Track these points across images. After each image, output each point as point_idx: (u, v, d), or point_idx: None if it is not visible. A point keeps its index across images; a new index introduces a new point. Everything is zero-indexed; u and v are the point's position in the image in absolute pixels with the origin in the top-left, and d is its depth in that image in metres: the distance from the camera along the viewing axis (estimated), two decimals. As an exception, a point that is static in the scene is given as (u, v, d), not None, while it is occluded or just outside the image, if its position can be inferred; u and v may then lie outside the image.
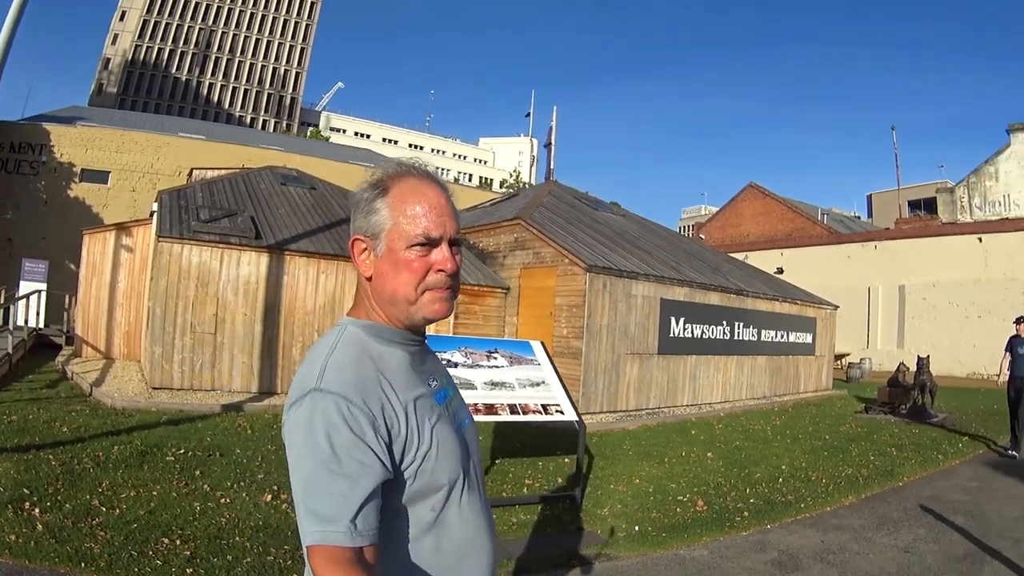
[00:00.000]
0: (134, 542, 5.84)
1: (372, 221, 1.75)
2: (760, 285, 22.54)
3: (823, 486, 9.75)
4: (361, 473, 1.52)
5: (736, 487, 9.49)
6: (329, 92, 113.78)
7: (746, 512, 8.25)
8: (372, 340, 1.73)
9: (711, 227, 51.71)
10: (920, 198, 50.45)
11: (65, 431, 9.71)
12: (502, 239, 18.92)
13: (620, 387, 16.00)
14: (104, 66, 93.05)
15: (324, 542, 1.48)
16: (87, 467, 7.97)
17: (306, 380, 1.63)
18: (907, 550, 7.01)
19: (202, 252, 14.18)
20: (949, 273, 31.90)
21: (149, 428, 10.38)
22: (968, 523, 8.05)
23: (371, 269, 1.76)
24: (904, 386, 17.93)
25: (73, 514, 6.35)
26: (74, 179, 37.77)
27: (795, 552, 6.90)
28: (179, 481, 7.78)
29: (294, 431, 1.59)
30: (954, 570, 6.42)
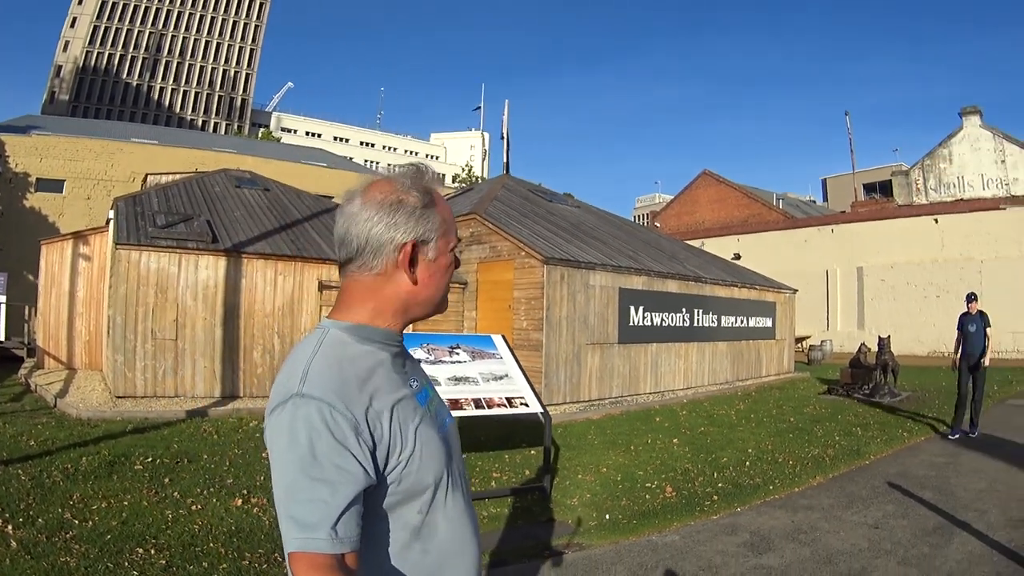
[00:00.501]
0: (109, 554, 5.81)
1: (429, 227, 1.77)
2: (718, 271, 22.77)
3: (790, 467, 9.93)
4: (342, 480, 1.52)
5: (704, 472, 9.63)
6: (279, 92, 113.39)
7: (715, 496, 8.40)
8: (355, 342, 1.71)
9: (666, 215, 51.95)
10: (875, 181, 51.15)
11: (32, 444, 9.64)
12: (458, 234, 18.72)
13: (582, 377, 16.12)
14: (56, 73, 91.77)
15: (305, 549, 1.48)
16: (57, 480, 7.92)
17: (288, 384, 1.61)
18: (877, 526, 7.16)
19: (160, 258, 14.10)
20: (906, 254, 32.55)
21: (116, 437, 10.32)
22: (936, 498, 8.25)
23: (422, 273, 1.78)
24: (866, 367, 18.25)
25: (46, 528, 6.29)
26: (30, 189, 37.27)
27: (766, 533, 7.01)
28: (149, 490, 7.77)
29: (276, 436, 1.57)
30: (924, 543, 6.59)
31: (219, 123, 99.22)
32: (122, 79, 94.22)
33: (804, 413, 15.06)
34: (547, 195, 24.85)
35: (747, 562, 6.22)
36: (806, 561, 6.19)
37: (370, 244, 1.72)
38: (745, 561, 6.25)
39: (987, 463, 10.22)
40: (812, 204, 61.31)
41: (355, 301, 1.76)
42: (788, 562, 6.19)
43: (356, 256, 1.74)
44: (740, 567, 6.11)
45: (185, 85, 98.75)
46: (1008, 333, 29.54)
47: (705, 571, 6.02)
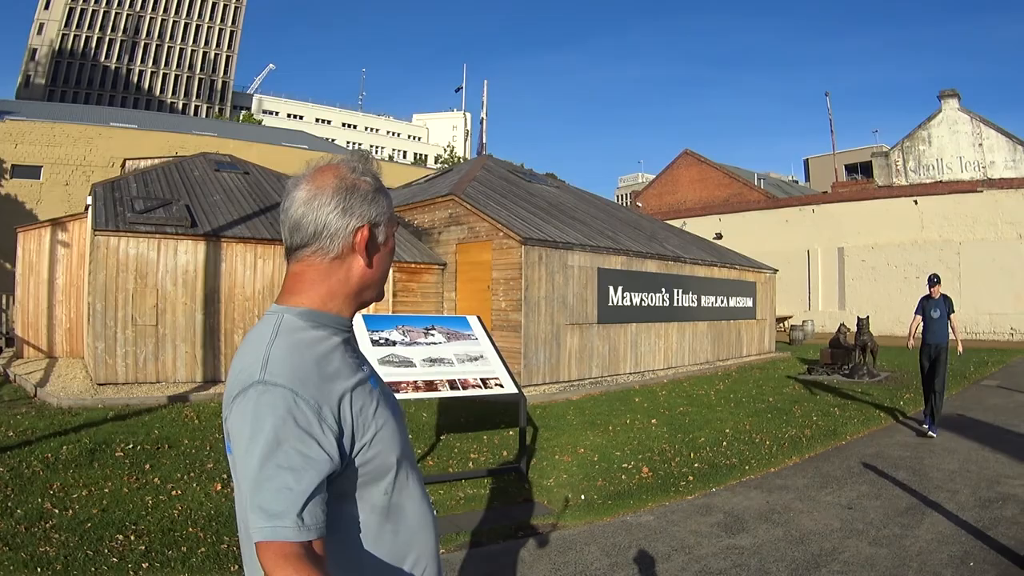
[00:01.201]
0: (89, 542, 5.84)
1: (379, 210, 1.81)
2: (697, 251, 22.87)
3: (767, 448, 10.06)
4: (307, 466, 1.53)
5: (680, 452, 9.73)
6: (261, 74, 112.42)
7: (691, 476, 8.50)
8: (309, 328, 1.72)
9: (648, 195, 51.88)
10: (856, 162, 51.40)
11: (11, 435, 9.56)
12: (437, 215, 18.96)
13: (561, 358, 16.20)
14: (31, 57, 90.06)
15: (273, 538, 1.48)
16: (37, 470, 7.90)
17: (249, 372, 1.61)
18: (850, 507, 7.26)
19: (139, 243, 14.06)
20: (887, 235, 32.84)
21: (97, 425, 10.32)
22: (909, 478, 8.37)
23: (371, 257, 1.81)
24: (845, 347, 18.44)
25: (25, 519, 6.29)
26: (4, 175, 36.91)
27: (740, 513, 7.10)
28: (130, 476, 7.80)
29: (239, 425, 1.58)
30: (895, 523, 6.69)
31: (200, 106, 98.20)
32: (100, 62, 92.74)
33: (784, 393, 15.20)
34: (527, 176, 24.91)
35: (720, 542, 6.30)
36: (778, 541, 6.27)
37: (327, 228, 1.74)
38: (718, 541, 6.33)
39: (960, 444, 10.36)
40: (795, 184, 61.41)
41: (307, 286, 1.77)
42: (760, 542, 6.27)
43: (312, 241, 1.75)
44: (712, 547, 6.18)
45: (165, 68, 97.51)
46: (985, 315, 29.93)
47: (678, 551, 6.08)
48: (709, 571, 5.67)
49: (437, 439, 10.35)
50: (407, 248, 17.82)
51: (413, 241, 18.61)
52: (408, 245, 18.10)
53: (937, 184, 32.55)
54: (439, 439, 10.36)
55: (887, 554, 5.91)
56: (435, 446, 9.95)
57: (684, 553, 6.05)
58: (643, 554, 6.02)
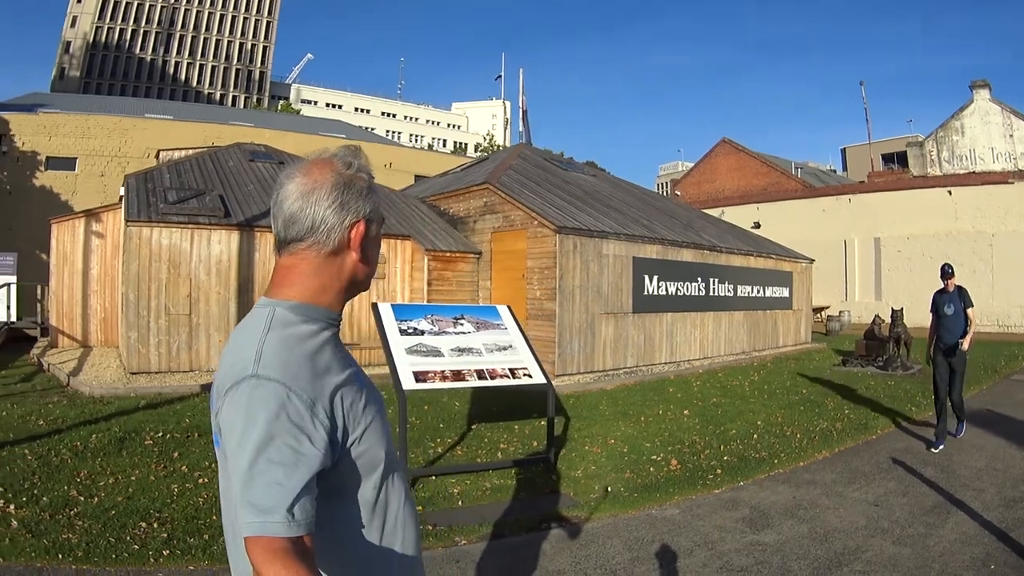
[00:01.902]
0: (112, 529, 5.86)
1: (372, 206, 1.82)
2: (734, 240, 22.60)
3: (797, 441, 9.88)
4: (298, 462, 1.53)
5: (711, 445, 9.60)
6: (299, 64, 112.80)
7: (719, 470, 8.37)
8: (302, 322, 1.71)
9: (687, 183, 51.57)
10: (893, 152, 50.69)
11: (41, 424, 9.65)
12: (472, 204, 18.88)
13: (596, 347, 16.04)
14: (65, 50, 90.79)
15: (262, 533, 1.47)
16: (65, 458, 7.96)
17: (242, 366, 1.60)
18: (877, 504, 7.11)
19: (172, 234, 14.16)
20: (922, 225, 32.24)
21: (128, 414, 10.38)
22: (936, 475, 8.18)
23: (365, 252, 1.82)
24: (880, 339, 18.11)
25: (50, 507, 6.33)
26: (39, 167, 37.08)
27: (766, 509, 6.98)
28: (158, 464, 7.83)
29: (231, 419, 1.57)
30: (920, 522, 6.52)
31: (237, 96, 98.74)
32: (135, 54, 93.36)
33: (817, 385, 14.94)
34: (563, 164, 24.79)
35: (744, 538, 6.21)
36: (802, 538, 6.17)
37: (325, 223, 1.73)
38: (742, 537, 6.23)
39: (989, 440, 10.14)
40: (832, 174, 60.69)
41: (298, 279, 1.76)
42: (784, 539, 6.17)
43: (308, 235, 1.73)
44: (736, 543, 6.09)
45: (201, 59, 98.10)
46: (1017, 307, 29.41)
47: (700, 547, 6.00)
48: (730, 568, 5.57)
49: (468, 428, 10.31)
50: (442, 237, 17.78)
51: (448, 230, 18.56)
52: (443, 234, 18.06)
53: (970, 175, 31.96)
54: (470, 428, 10.32)
55: (910, 554, 5.78)
56: (465, 435, 9.91)
57: (707, 549, 5.97)
58: (665, 549, 5.94)
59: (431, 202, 20.80)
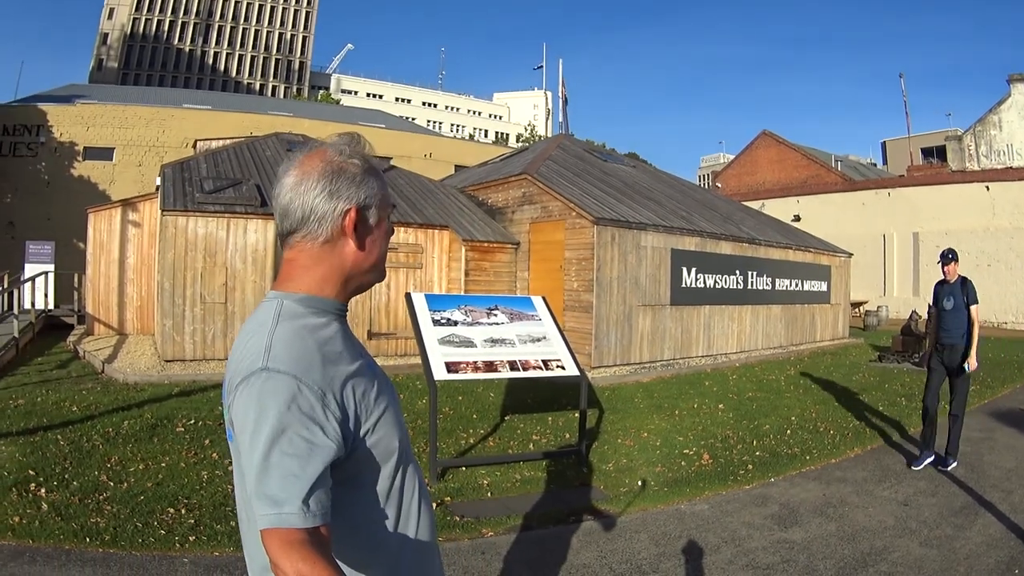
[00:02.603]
0: (140, 514, 5.92)
1: (368, 193, 1.77)
2: (773, 233, 22.40)
3: (830, 438, 9.75)
4: (312, 453, 1.52)
5: (743, 440, 9.51)
6: (339, 54, 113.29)
7: (750, 465, 8.29)
8: (311, 314, 1.71)
9: (727, 176, 51.31)
10: (932, 146, 50.00)
11: (75, 410, 9.71)
12: (510, 194, 18.78)
13: (633, 339, 15.93)
14: (103, 41, 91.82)
15: (278, 525, 1.46)
16: (96, 444, 8.03)
17: (252, 359, 1.60)
18: (906, 503, 7.02)
19: (208, 223, 14.23)
20: (960, 221, 31.64)
21: (160, 401, 10.43)
22: (967, 475, 8.05)
23: (362, 240, 1.78)
24: (916, 335, 17.90)
25: (80, 491, 6.42)
26: (77, 158, 37.76)
27: (795, 506, 6.92)
28: (188, 451, 7.86)
29: (243, 412, 1.56)
30: (949, 523, 6.42)
31: (277, 87, 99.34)
32: (173, 45, 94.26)
33: (853, 380, 14.74)
34: (602, 155, 24.68)
35: (771, 536, 6.14)
36: (830, 537, 6.09)
37: (315, 212, 1.72)
38: (770, 535, 6.16)
39: (1021, 440, 9.91)
40: (873, 167, 60.02)
41: (301, 272, 1.76)
42: (812, 537, 6.10)
43: (300, 226, 1.73)
44: (763, 540, 6.02)
45: (240, 49, 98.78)
46: (1054, 307, 28.82)
47: (728, 543, 5.93)
48: (756, 565, 5.50)
49: (501, 419, 10.25)
50: (480, 227, 17.72)
51: (486, 220, 18.48)
52: (481, 224, 18.00)
53: (1008, 170, 31.29)
54: (503, 419, 10.25)
55: (936, 556, 5.67)
56: (498, 426, 9.85)
57: (734, 546, 5.90)
58: (692, 545, 5.88)
59: (469, 192, 20.77)
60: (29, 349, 16.02)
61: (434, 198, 19.15)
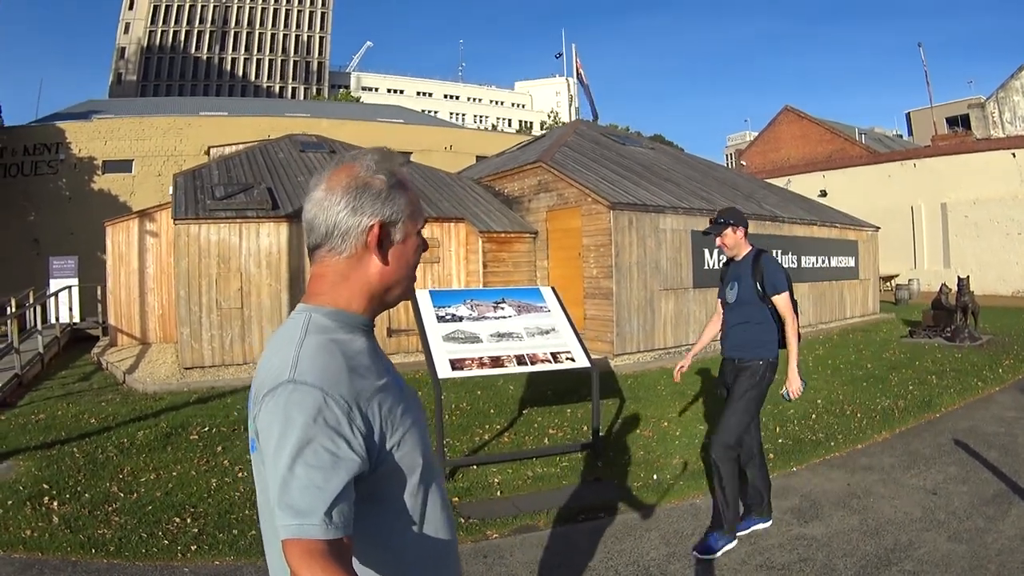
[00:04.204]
0: (146, 524, 5.99)
1: (394, 209, 1.77)
2: (796, 210, 22.06)
3: (857, 421, 9.41)
4: (336, 465, 1.52)
5: (766, 426, 9.05)
6: (359, 52, 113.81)
7: (772, 454, 7.85)
8: (338, 328, 1.72)
9: (751, 153, 50.97)
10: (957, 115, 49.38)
11: (93, 422, 9.80)
12: (526, 183, 18.65)
13: (656, 325, 15.74)
14: (120, 56, 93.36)
15: (300, 535, 1.46)
16: (111, 455, 8.10)
17: (279, 371, 1.60)
18: (935, 491, 6.67)
19: (220, 229, 14.24)
20: (988, 189, 31.07)
21: (177, 409, 10.47)
22: (1001, 459, 7.60)
23: (387, 256, 1.78)
24: (947, 308, 17.53)
25: (91, 503, 6.50)
26: (96, 172, 38.33)
27: (817, 497, 6.64)
28: (200, 459, 7.90)
29: (269, 424, 1.56)
30: (980, 514, 6.04)
31: (297, 88, 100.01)
32: (190, 53, 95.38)
33: (883, 359, 14.38)
34: (619, 138, 24.45)
35: (789, 531, 5.88)
36: (852, 532, 5.79)
37: (338, 228, 1.73)
38: (788, 530, 5.90)
39: (1061, 417, 9.37)
40: (898, 139, 59.26)
41: (328, 287, 1.77)
42: (833, 532, 5.81)
43: (325, 241, 1.74)
44: (780, 537, 5.77)
45: (258, 54, 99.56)
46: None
47: (743, 541, 5.65)
48: (770, 566, 5.28)
49: (519, 413, 10.11)
50: (496, 218, 17.62)
51: (503, 210, 18.37)
52: (498, 215, 17.90)
53: (1032, 136, 30.68)
54: (520, 413, 10.12)
55: (965, 552, 5.34)
56: (515, 421, 9.71)
57: (748, 543, 5.64)
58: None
59: (486, 183, 20.67)
60: (55, 363, 16.23)
61: (450, 191, 19.08)
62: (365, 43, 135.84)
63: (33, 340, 16.14)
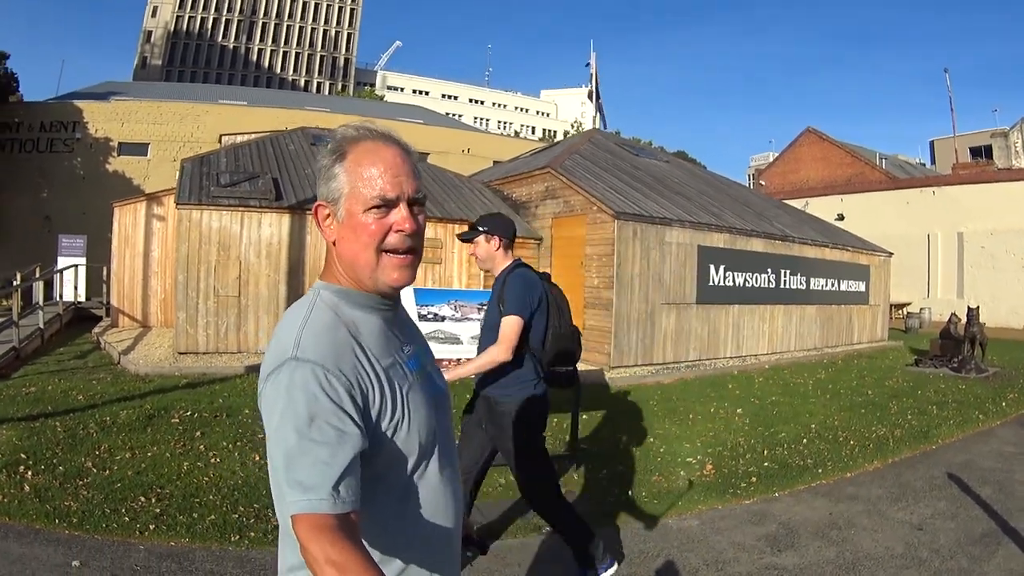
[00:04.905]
0: (111, 500, 6.05)
1: (332, 187, 1.75)
2: (809, 231, 21.92)
3: (849, 448, 9.15)
4: (341, 440, 1.54)
5: (754, 448, 9.01)
6: (388, 51, 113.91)
7: (754, 478, 7.75)
8: (345, 305, 1.74)
9: (771, 173, 50.90)
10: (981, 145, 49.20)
11: (80, 399, 9.92)
12: (534, 189, 18.62)
13: (656, 338, 15.63)
14: (146, 39, 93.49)
15: (308, 510, 1.48)
16: (91, 432, 8.17)
17: (282, 349, 1.63)
18: (920, 527, 6.38)
19: (222, 216, 14.30)
20: (1007, 220, 30.67)
21: (165, 392, 10.52)
22: (994, 496, 7.28)
23: (334, 235, 1.77)
24: (955, 338, 17.23)
25: (63, 476, 6.60)
26: (112, 153, 38.76)
27: (796, 526, 6.39)
28: (177, 443, 7.89)
29: (272, 401, 1.59)
30: (965, 553, 5.76)
31: (322, 83, 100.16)
32: (217, 42, 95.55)
33: (885, 386, 14.18)
34: (635, 149, 24.39)
35: (761, 560, 5.65)
36: (826, 565, 5.55)
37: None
38: (759, 559, 5.67)
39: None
40: (922, 167, 58.94)
41: (328, 263, 1.83)
42: (806, 564, 5.58)
43: None
44: (750, 565, 5.55)
45: (285, 46, 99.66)
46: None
47: (709, 566, 5.48)
48: (734, 594, 5.09)
49: (505, 420, 9.97)
50: (501, 222, 17.46)
51: (509, 214, 18.23)
52: (503, 218, 17.74)
53: (1055, 167, 30.30)
54: (506, 420, 9.97)
55: None
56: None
57: (715, 569, 5.44)
58: (668, 566, 5.47)
59: (495, 186, 20.64)
60: (55, 340, 16.47)
61: (458, 192, 19.06)
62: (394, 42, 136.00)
63: (35, 316, 16.28)
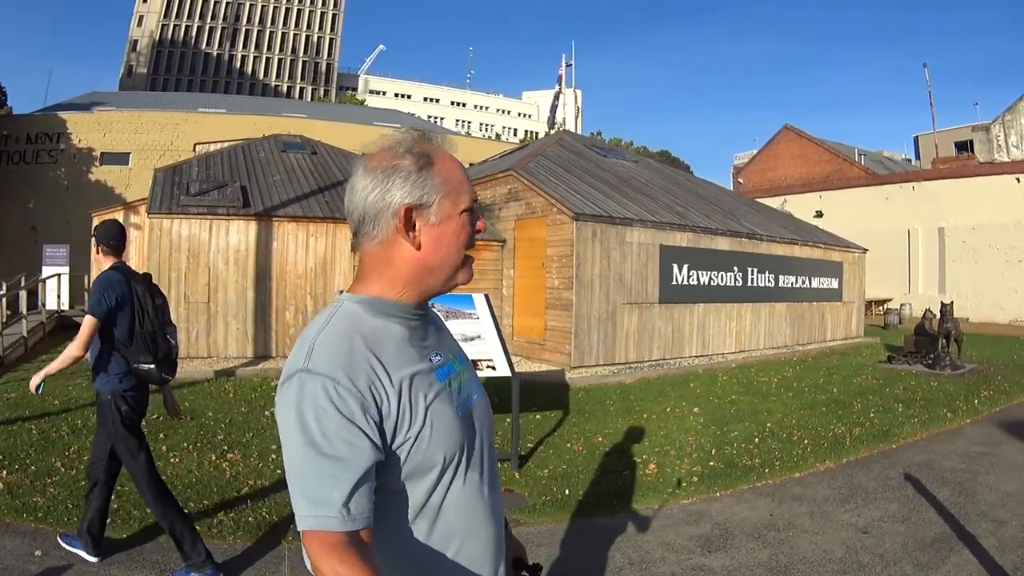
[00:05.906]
0: (75, 497, 6.44)
1: (424, 190, 1.71)
2: (778, 228, 22.02)
3: (802, 448, 8.99)
4: (351, 455, 1.51)
5: (703, 447, 8.97)
6: (371, 56, 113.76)
7: (696, 477, 7.68)
8: (368, 315, 1.70)
9: (749, 171, 51.04)
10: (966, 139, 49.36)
11: (56, 403, 10.31)
12: (497, 191, 18.78)
13: (618, 338, 15.82)
14: (132, 48, 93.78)
15: (317, 528, 1.48)
16: (63, 434, 8.69)
17: (295, 360, 1.61)
18: (866, 530, 6.14)
19: (191, 225, 14.68)
20: (988, 215, 30.79)
21: (134, 397, 10.78)
22: (952, 499, 6.98)
23: (421, 239, 1.73)
24: (930, 334, 17.29)
25: (34, 474, 7.08)
26: (94, 163, 39.24)
27: (732, 527, 6.28)
28: None
29: (283, 413, 1.58)
30: (911, 560, 5.48)
31: (304, 88, 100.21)
32: (201, 49, 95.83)
33: (853, 384, 14.03)
34: (603, 150, 24.38)
35: (688, 560, 5.55)
36: (757, 567, 5.40)
37: (368, 213, 1.71)
38: (687, 559, 5.58)
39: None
40: (907, 163, 59.11)
41: (367, 273, 1.76)
42: (735, 565, 5.45)
43: (359, 228, 1.74)
44: (676, 565, 5.45)
45: (268, 52, 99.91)
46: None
47: (632, 566, 5.44)
48: (655, 595, 5.09)
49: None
50: (464, 224, 17.74)
51: (475, 216, 18.53)
52: (467, 222, 18.01)
53: (1037, 161, 30.39)
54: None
55: None
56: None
57: (639, 569, 5.39)
58: (592, 565, 5.50)
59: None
60: (39, 347, 16.72)
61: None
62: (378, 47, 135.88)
63: (18, 324, 16.60)
